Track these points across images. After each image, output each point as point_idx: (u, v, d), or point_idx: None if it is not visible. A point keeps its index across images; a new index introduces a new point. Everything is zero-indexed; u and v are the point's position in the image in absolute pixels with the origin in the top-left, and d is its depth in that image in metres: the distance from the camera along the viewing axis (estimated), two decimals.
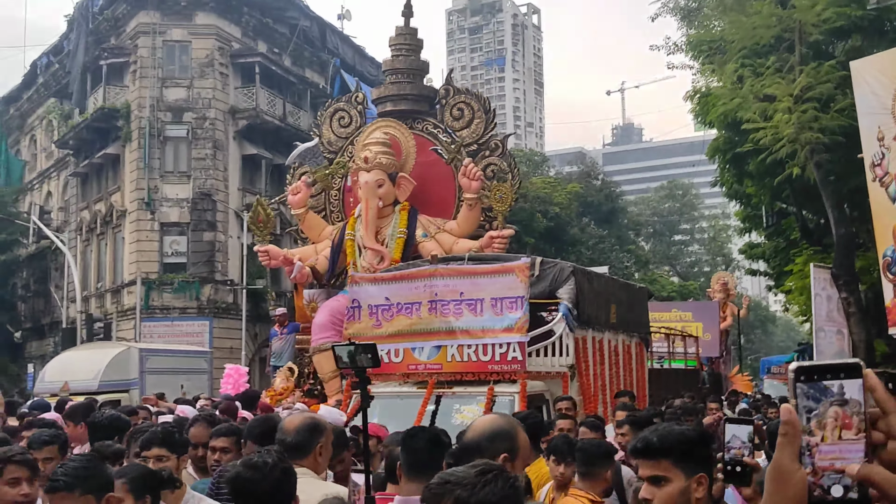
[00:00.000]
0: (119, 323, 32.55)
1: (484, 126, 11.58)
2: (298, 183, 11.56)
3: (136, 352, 21.06)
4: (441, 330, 10.05)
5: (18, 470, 4.19)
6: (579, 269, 11.56)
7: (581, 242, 45.54)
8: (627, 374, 12.95)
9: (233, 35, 34.43)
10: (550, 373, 10.52)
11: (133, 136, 32.89)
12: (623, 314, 13.03)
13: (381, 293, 10.62)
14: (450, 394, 9.57)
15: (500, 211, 11.31)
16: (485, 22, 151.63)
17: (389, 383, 10.47)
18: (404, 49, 11.98)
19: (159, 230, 32.65)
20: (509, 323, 9.73)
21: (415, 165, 11.59)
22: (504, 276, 9.95)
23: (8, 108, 45.93)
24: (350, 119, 11.98)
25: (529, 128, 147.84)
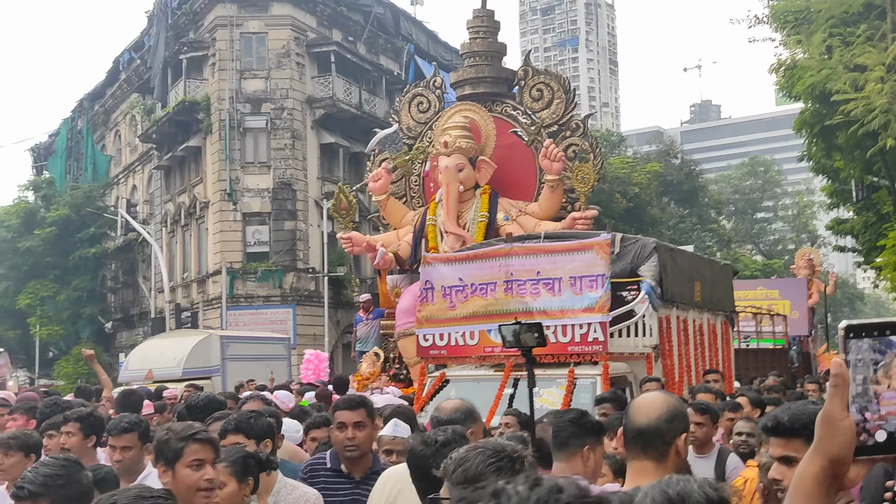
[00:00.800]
0: (205, 312, 33.25)
1: (564, 106, 11.42)
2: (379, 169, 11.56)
3: (218, 339, 21.29)
4: (518, 311, 9.57)
5: (202, 450, 3.58)
6: (662, 246, 11.19)
7: (661, 222, 44.91)
8: (713, 355, 12.49)
9: (308, 25, 34.72)
10: (633, 354, 10.18)
11: (214, 129, 33.48)
12: (707, 292, 12.62)
13: (454, 274, 10.35)
14: None
15: (582, 192, 11.10)
16: (557, 2, 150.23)
17: (465, 366, 10.34)
18: (482, 32, 11.88)
19: (241, 220, 33.20)
20: (589, 302, 9.40)
21: (495, 148, 11.48)
22: (583, 253, 9.61)
23: (93, 104, 47.15)
24: (428, 104, 11.93)
25: (605, 108, 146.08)
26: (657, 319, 10.38)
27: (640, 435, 2.88)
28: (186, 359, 19.70)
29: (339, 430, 4.91)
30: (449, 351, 10.17)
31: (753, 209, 70.42)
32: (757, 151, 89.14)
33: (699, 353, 11.77)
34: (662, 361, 10.46)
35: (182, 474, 3.52)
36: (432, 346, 10.23)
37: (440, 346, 10.17)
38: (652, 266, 10.43)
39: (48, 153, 51.23)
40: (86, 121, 46.94)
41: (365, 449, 4.99)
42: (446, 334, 10.12)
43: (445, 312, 10.17)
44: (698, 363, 11.59)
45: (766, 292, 27.75)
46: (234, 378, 18.00)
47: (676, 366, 10.83)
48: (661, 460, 2.83)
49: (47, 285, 39.66)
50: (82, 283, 39.82)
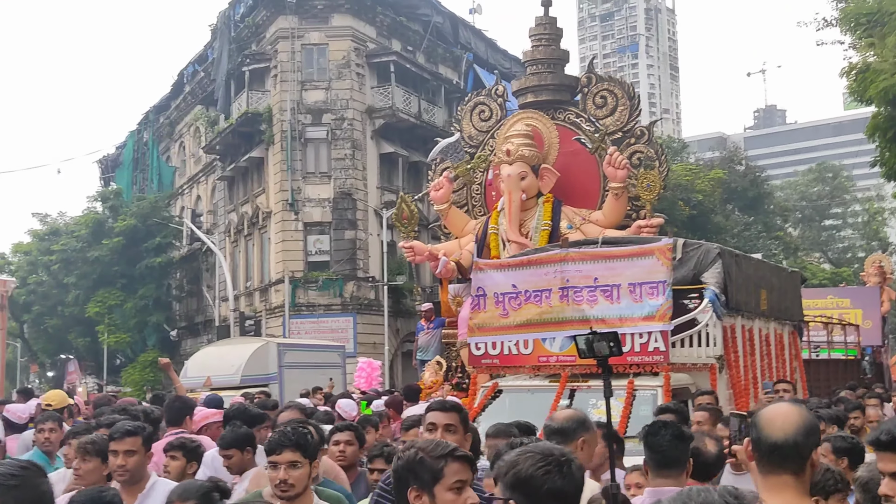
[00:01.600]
0: (268, 320, 33.57)
1: (628, 113, 11.22)
2: (441, 178, 11.45)
3: (275, 346, 21.23)
4: (574, 319, 9.30)
5: (463, 470, 3.10)
6: (726, 251, 10.71)
7: (726, 230, 44.19)
8: (781, 366, 11.99)
9: (367, 35, 34.93)
10: (696, 364, 9.70)
11: (275, 139, 33.83)
12: (774, 300, 12.08)
13: (507, 280, 9.95)
14: (585, 388, 8.86)
15: (647, 199, 10.85)
16: (616, 8, 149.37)
17: (519, 376, 9.99)
18: (544, 39, 11.74)
19: (303, 230, 33.47)
20: (650, 310, 9.00)
21: (558, 156, 11.29)
22: (643, 258, 9.21)
23: (158, 117, 48.11)
24: (490, 112, 11.82)
25: (666, 114, 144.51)
26: (721, 329, 9.97)
27: (778, 450, 2.82)
28: (245, 366, 19.73)
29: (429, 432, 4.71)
30: (502, 360, 9.89)
31: (821, 216, 68.92)
32: (824, 157, 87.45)
33: (766, 365, 11.26)
34: (728, 373, 10.01)
35: (444, 499, 3.05)
36: (485, 354, 9.96)
37: (493, 354, 9.90)
38: (716, 272, 10.04)
39: (115, 165, 52.37)
40: (151, 133, 47.89)
41: None
42: (499, 343, 9.84)
43: (498, 320, 9.87)
44: (765, 375, 11.09)
45: (837, 301, 27.12)
46: (291, 385, 18.03)
47: (742, 377, 10.36)
48: (800, 474, 2.79)
49: (115, 294, 40.51)
50: (148, 291, 40.59)
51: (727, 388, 9.85)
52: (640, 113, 11.40)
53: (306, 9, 34.01)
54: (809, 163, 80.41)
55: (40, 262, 45.73)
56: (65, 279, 42.81)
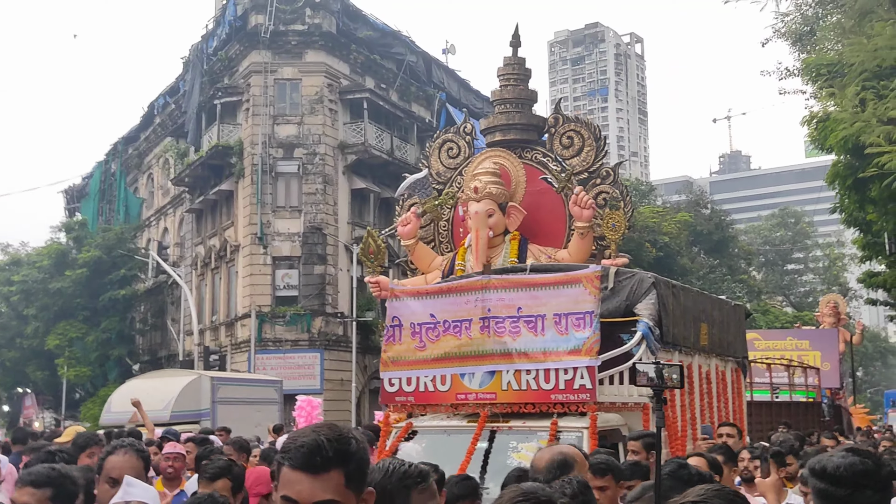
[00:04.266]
0: (233, 355, 33.33)
1: (595, 154, 11.33)
2: (408, 214, 11.44)
3: (209, 380, 20.21)
4: (495, 352, 8.59)
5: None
6: (662, 281, 9.92)
7: (691, 272, 44.69)
8: (722, 405, 11.28)
9: (341, 72, 35.17)
10: (627, 404, 8.89)
11: (246, 173, 33.83)
12: (716, 335, 11.37)
13: (425, 309, 9.14)
14: (505, 428, 8.23)
15: (613, 239, 10.78)
16: (587, 52, 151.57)
17: (436, 415, 9.17)
18: (513, 79, 11.87)
19: (271, 264, 33.39)
20: (576, 344, 8.23)
21: (525, 195, 11.30)
22: (569, 287, 8.46)
23: (127, 147, 47.91)
24: (458, 150, 11.89)
25: (634, 157, 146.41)
26: None
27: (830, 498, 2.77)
28: (175, 401, 18.60)
29: None
30: (417, 397, 9.04)
31: (784, 261, 70.00)
32: (787, 202, 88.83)
33: (706, 404, 10.59)
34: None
35: None
36: (399, 391, 9.12)
37: (407, 391, 9.06)
38: (650, 304, 9.27)
39: (81, 195, 52.00)
40: (119, 164, 47.66)
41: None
42: (414, 378, 9.04)
43: (414, 353, 9.06)
44: (704, 415, 10.45)
45: (797, 342, 27.50)
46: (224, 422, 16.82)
47: (679, 418, 9.70)
48: None
49: (76, 326, 40.01)
50: (111, 324, 40.12)
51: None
52: (606, 154, 11.56)
53: (280, 44, 34.22)
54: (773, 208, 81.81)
55: (0, 292, 45.12)
56: (24, 311, 42.24)
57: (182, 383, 19.56)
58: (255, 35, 34.07)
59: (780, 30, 22.06)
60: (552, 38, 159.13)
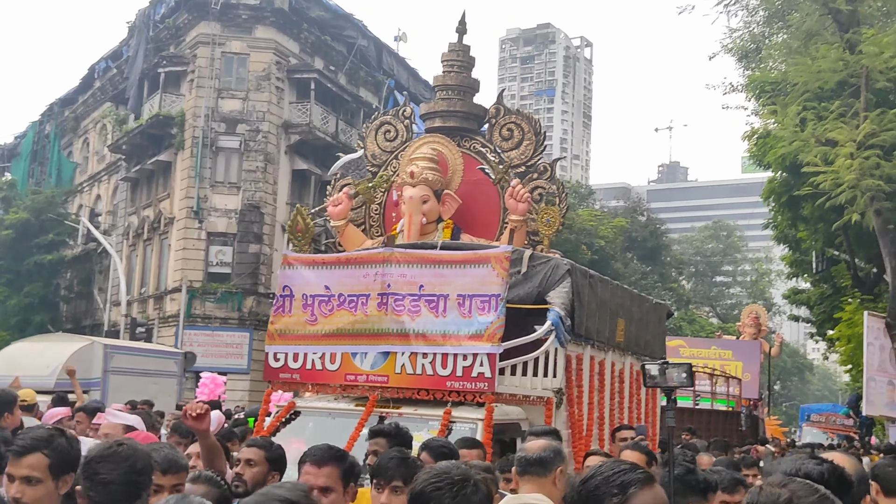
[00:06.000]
0: (160, 329, 32.81)
1: (533, 148, 11.27)
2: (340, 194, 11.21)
3: (101, 347, 18.80)
4: (391, 332, 8.02)
5: None
6: (578, 269, 9.30)
7: (624, 277, 45.22)
8: (634, 406, 10.79)
9: (290, 50, 34.80)
10: (530, 397, 8.28)
11: (186, 145, 33.31)
12: (634, 332, 10.83)
13: (319, 280, 8.52)
14: (395, 415, 7.58)
15: (546, 234, 10.58)
16: (537, 52, 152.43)
17: (324, 397, 8.59)
18: (456, 65, 11.73)
19: (206, 239, 32.94)
20: (478, 328, 7.67)
21: (461, 184, 11.12)
22: (476, 267, 7.90)
23: (63, 110, 46.77)
24: (396, 133, 11.70)
25: (576, 160, 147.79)
26: (565, 358, 8.64)
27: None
28: (62, 368, 16.96)
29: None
30: (303, 375, 8.43)
31: (713, 272, 71.37)
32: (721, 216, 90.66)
33: (616, 404, 10.11)
34: (568, 409, 8.72)
35: None
36: (284, 367, 8.50)
37: (293, 368, 8.45)
38: (563, 292, 8.64)
39: (12, 155, 50.62)
40: (54, 126, 46.49)
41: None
42: (302, 354, 8.42)
43: (304, 327, 8.45)
44: (614, 415, 9.91)
45: (720, 352, 28.04)
46: (116, 394, 15.85)
47: (585, 416, 9.14)
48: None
49: None
50: (35, 289, 39.07)
51: (565, 427, 8.55)
52: (545, 149, 11.54)
53: (230, 17, 33.73)
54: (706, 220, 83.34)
55: None
56: None
57: (71, 349, 18.14)
58: (204, 6, 33.51)
59: (727, 45, 22.49)
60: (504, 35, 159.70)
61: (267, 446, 5.07)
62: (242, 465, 4.90)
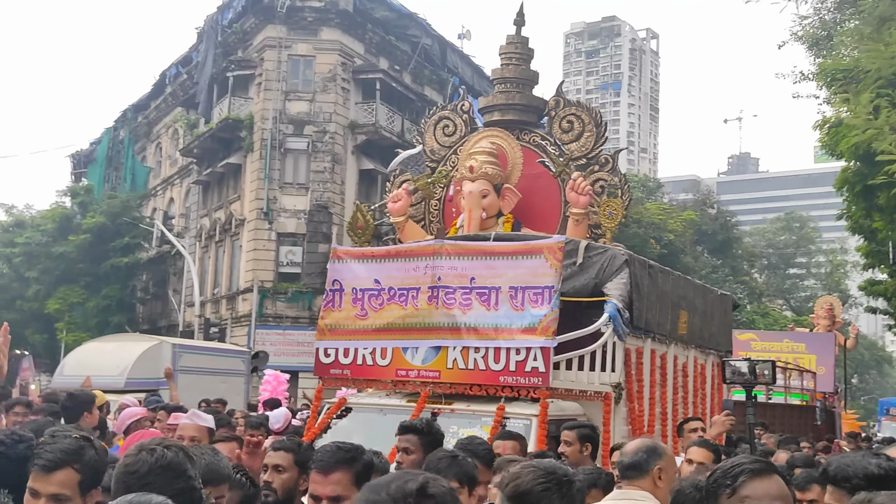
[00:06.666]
0: (233, 329, 33.41)
1: (594, 140, 11.19)
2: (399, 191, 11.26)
3: (170, 347, 18.90)
4: (442, 326, 7.79)
5: None
6: (637, 259, 9.00)
7: (694, 271, 44.62)
8: (700, 401, 10.36)
9: (356, 51, 35.12)
10: (587, 392, 7.99)
11: (255, 147, 33.84)
12: (697, 324, 10.41)
13: (369, 274, 8.31)
14: (447, 411, 7.48)
15: (608, 227, 10.46)
16: (602, 46, 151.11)
17: (374, 392, 8.41)
18: (515, 58, 11.71)
19: (276, 240, 33.42)
20: (531, 321, 7.40)
21: (521, 177, 11.11)
22: (529, 258, 7.63)
23: (136, 115, 47.90)
24: (455, 127, 11.70)
25: (643, 153, 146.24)
26: (624, 351, 8.37)
27: None
28: (132, 367, 17.28)
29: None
30: (354, 371, 8.25)
31: (786, 264, 69.96)
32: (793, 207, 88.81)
33: (680, 399, 9.72)
34: (628, 405, 8.44)
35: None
36: (334, 363, 8.33)
37: (344, 363, 8.27)
38: (620, 283, 8.39)
39: (88, 161, 52.01)
40: (128, 131, 47.67)
41: None
42: (352, 350, 8.23)
43: (354, 322, 8.25)
44: (678, 410, 9.52)
45: (793, 345, 27.46)
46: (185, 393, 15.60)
47: (647, 411, 8.77)
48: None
49: (77, 291, 40.00)
50: (112, 291, 40.10)
51: (625, 423, 8.30)
52: (605, 140, 11.45)
53: (296, 20, 34.17)
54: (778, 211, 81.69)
55: (2, 253, 45.10)
56: (26, 273, 42.22)
57: (140, 349, 18.30)
58: (271, 9, 34.02)
59: (797, 33, 22.02)
60: (568, 29, 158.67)
61: (295, 448, 4.69)
62: (270, 472, 4.51)
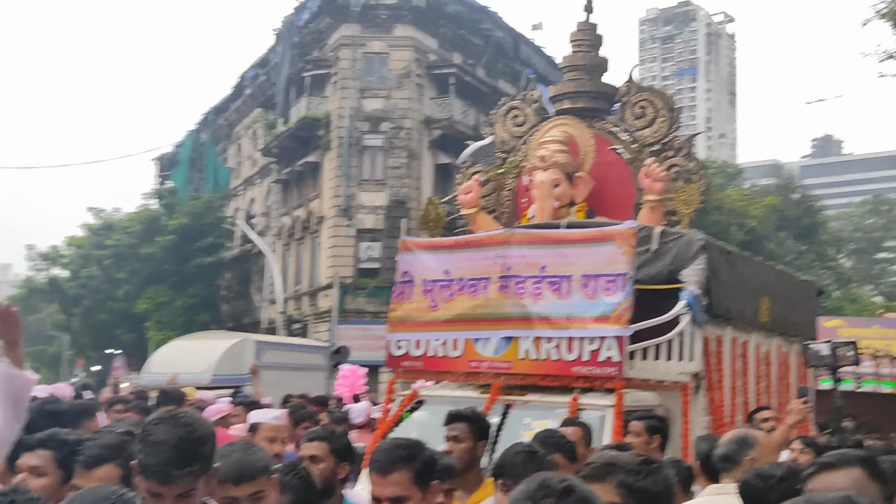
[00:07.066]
0: (315, 325, 33.91)
1: (668, 125, 10.96)
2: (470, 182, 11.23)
3: (252, 344, 19.21)
4: (513, 316, 7.66)
5: None
6: (714, 245, 8.76)
7: (778, 258, 43.70)
8: (783, 391, 10.05)
9: (429, 47, 35.29)
10: (665, 382, 7.78)
11: (332, 145, 34.28)
12: (780, 311, 10.06)
13: (439, 265, 8.26)
14: (520, 402, 7.36)
15: (685, 214, 10.21)
16: (677, 31, 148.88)
17: (446, 384, 8.35)
18: (584, 45, 11.55)
19: (355, 236, 33.80)
20: (605, 310, 7.23)
21: (593, 165, 11.00)
22: (601, 245, 7.46)
23: (217, 117, 48.92)
24: (524, 117, 11.65)
25: (722, 139, 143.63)
26: (702, 340, 8.13)
27: None
28: (216, 364, 17.68)
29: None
30: (426, 363, 8.18)
31: (875, 249, 68.01)
32: (880, 189, 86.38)
33: (763, 388, 9.46)
34: (708, 394, 8.25)
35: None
36: (406, 355, 8.28)
37: (415, 355, 8.22)
38: (698, 269, 8.15)
39: (172, 163, 53.25)
40: (210, 133, 48.66)
41: None
42: (423, 342, 8.17)
43: (425, 313, 8.20)
44: (760, 400, 9.25)
45: (884, 332, 26.68)
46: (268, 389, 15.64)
47: (728, 401, 8.56)
48: None
49: (164, 291, 41.07)
50: (197, 290, 41.12)
51: (705, 414, 8.12)
52: (679, 126, 11.31)
53: (369, 18, 34.50)
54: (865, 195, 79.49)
55: (93, 256, 46.43)
56: (116, 274, 43.49)
57: (224, 346, 18.69)
58: (345, 8, 34.41)
59: (881, 11, 21.43)
60: (643, 16, 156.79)
61: (329, 437, 4.56)
62: (307, 463, 4.38)
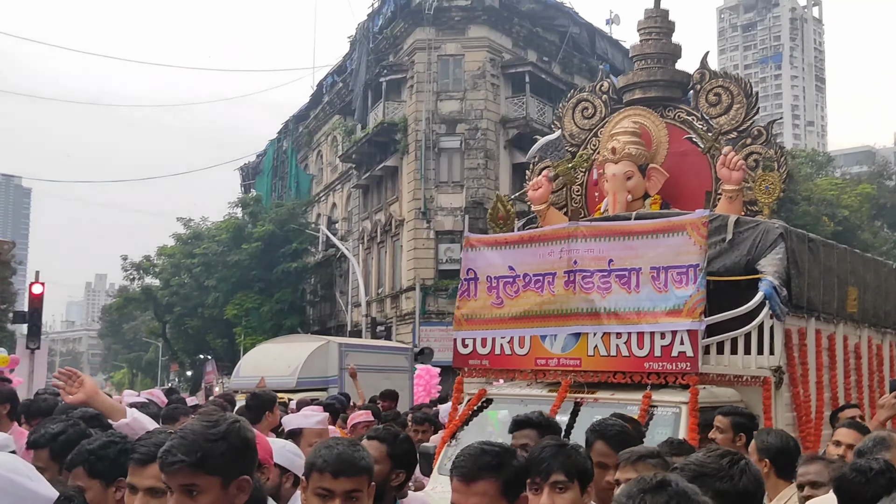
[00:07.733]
0: (398, 327, 34.06)
1: (745, 111, 10.55)
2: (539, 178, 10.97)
3: (336, 346, 19.33)
4: (581, 312, 7.43)
5: None
6: (794, 233, 8.33)
7: (874, 248, 42.18)
8: (876, 385, 9.53)
9: (503, 46, 35.12)
10: (743, 377, 7.40)
11: (410, 149, 34.39)
12: (870, 302, 9.63)
13: (503, 261, 8.07)
14: (590, 400, 7.10)
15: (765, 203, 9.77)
16: (759, 18, 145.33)
17: (514, 383, 8.15)
18: (654, 32, 11.18)
19: (434, 238, 33.85)
20: (676, 303, 6.96)
21: (667, 156, 10.62)
22: (670, 235, 7.16)
23: (297, 126, 49.63)
24: (594, 109, 11.28)
25: (810, 127, 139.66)
26: (783, 332, 7.74)
27: None
28: (302, 367, 17.97)
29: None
30: (492, 361, 8.01)
31: None
32: None
33: (853, 382, 9.00)
34: (792, 389, 7.84)
35: None
36: (472, 353, 8.11)
37: (482, 353, 8.05)
38: (776, 259, 7.77)
39: (256, 172, 54.32)
40: (291, 142, 49.46)
41: None
42: (489, 339, 8.00)
43: (490, 311, 8.03)
44: (850, 395, 8.79)
45: None
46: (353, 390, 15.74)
47: (814, 397, 8.10)
48: None
49: (252, 297, 41.88)
50: (284, 295, 41.76)
51: (789, 410, 7.73)
52: (757, 112, 10.89)
53: (443, 20, 34.49)
54: None
55: (183, 264, 47.57)
56: (205, 282, 44.45)
57: (309, 349, 18.91)
58: (419, 12, 34.49)
59: None
60: (721, 4, 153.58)
61: (390, 439, 4.23)
62: None
